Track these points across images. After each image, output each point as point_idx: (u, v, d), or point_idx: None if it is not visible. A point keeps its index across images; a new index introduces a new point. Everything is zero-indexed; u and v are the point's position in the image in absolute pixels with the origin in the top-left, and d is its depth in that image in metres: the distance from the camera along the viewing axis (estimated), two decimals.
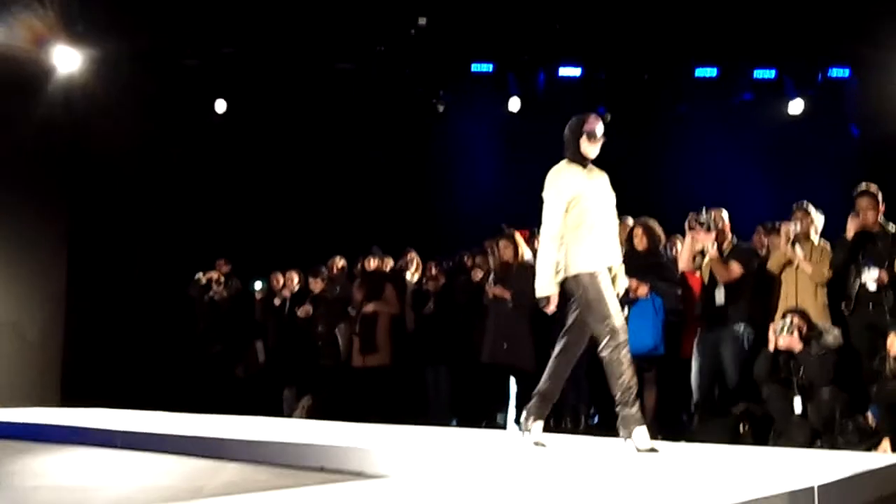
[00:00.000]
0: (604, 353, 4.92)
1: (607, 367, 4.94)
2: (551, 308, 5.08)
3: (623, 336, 4.90)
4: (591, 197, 5.05)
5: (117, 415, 8.36)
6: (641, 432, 4.85)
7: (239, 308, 10.20)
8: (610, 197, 5.17)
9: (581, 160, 5.12)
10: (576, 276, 4.97)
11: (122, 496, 4.57)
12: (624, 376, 4.87)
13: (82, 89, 10.84)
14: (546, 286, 5.05)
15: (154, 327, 11.15)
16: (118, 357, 10.98)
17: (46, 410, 9.21)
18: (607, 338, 4.89)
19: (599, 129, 5.12)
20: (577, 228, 5.00)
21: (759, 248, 7.49)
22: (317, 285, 9.37)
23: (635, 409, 4.88)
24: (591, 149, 5.12)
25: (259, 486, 4.71)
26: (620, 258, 5.23)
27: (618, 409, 4.93)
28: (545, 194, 5.11)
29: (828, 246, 6.91)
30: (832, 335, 6.38)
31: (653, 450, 4.79)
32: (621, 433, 4.94)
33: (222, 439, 6.12)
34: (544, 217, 5.09)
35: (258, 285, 10.28)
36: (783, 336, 6.29)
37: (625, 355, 4.89)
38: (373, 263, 8.98)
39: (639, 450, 4.79)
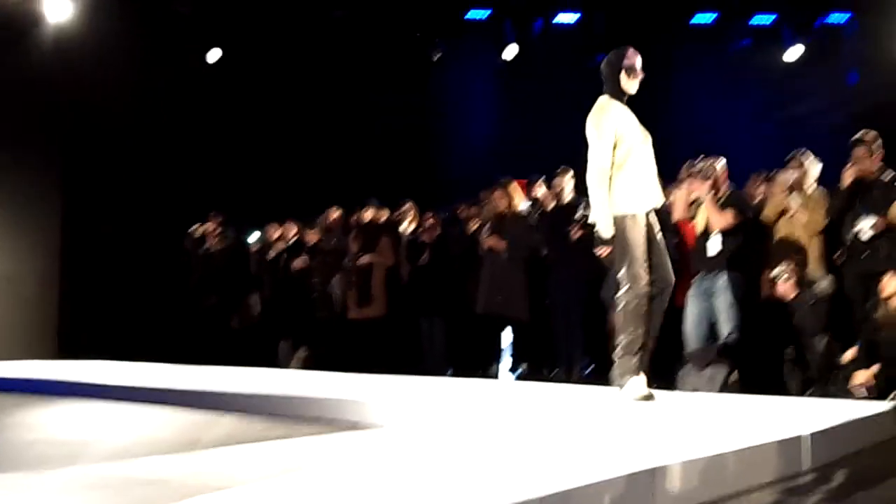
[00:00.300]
0: (621, 301, 4.85)
1: (620, 313, 4.88)
2: (608, 250, 4.93)
3: (645, 287, 4.82)
4: (634, 135, 4.91)
5: (114, 367, 8.39)
6: (637, 382, 4.84)
7: (234, 260, 10.19)
8: (648, 135, 5.02)
9: (621, 96, 4.98)
10: (613, 218, 4.86)
11: (119, 449, 4.58)
12: (634, 328, 4.81)
13: (73, 38, 10.67)
14: (607, 227, 4.84)
15: (150, 280, 11.14)
16: (114, 310, 10.99)
17: (43, 363, 9.25)
18: (628, 286, 4.82)
19: (639, 63, 5.01)
20: (621, 168, 4.85)
21: (754, 197, 7.46)
22: (312, 237, 9.35)
23: (636, 359, 4.83)
24: (630, 84, 4.99)
25: (255, 438, 4.74)
26: (662, 199, 5.13)
27: (618, 355, 4.88)
28: (589, 130, 4.91)
29: (823, 194, 6.88)
30: (825, 283, 6.40)
31: (647, 398, 4.81)
32: (616, 381, 4.92)
33: (219, 390, 6.16)
34: (592, 154, 4.88)
35: (254, 237, 10.26)
36: (777, 284, 6.30)
37: (642, 306, 4.81)
38: (368, 215, 8.96)
39: (633, 399, 4.81)
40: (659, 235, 5.00)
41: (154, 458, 3.78)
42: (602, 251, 4.97)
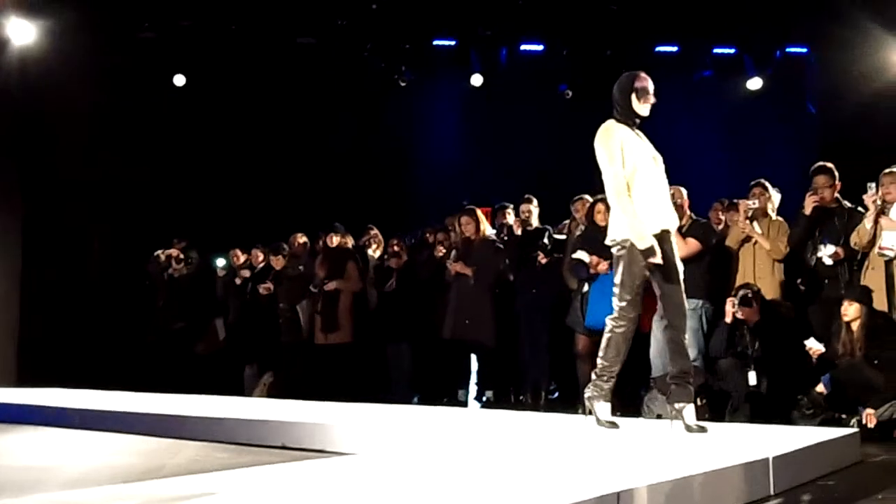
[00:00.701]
0: (609, 325, 4.80)
1: (605, 337, 4.81)
2: (659, 258, 4.63)
3: (635, 316, 4.74)
4: (643, 157, 4.82)
5: (75, 394, 8.28)
6: (604, 407, 4.83)
7: (199, 285, 10.11)
8: (659, 158, 4.93)
9: (631, 119, 4.90)
10: (622, 242, 4.73)
11: (81, 476, 4.52)
12: (615, 354, 4.76)
13: (37, 62, 10.60)
14: (646, 237, 4.64)
15: (112, 305, 11.01)
16: (76, 335, 10.84)
17: (3, 390, 9.09)
18: (618, 313, 4.75)
19: (651, 86, 4.94)
20: (629, 191, 4.73)
21: (716, 224, 7.55)
22: (278, 262, 9.31)
23: (607, 385, 4.81)
24: (642, 107, 4.91)
25: (220, 465, 4.70)
26: (677, 222, 4.99)
27: (593, 378, 4.86)
28: (598, 154, 4.81)
29: (785, 223, 6.99)
30: (784, 307, 6.48)
31: (613, 424, 4.83)
32: (586, 403, 4.89)
33: (182, 417, 6.10)
34: (606, 177, 4.77)
35: (220, 262, 10.19)
36: (742, 308, 6.35)
37: (628, 334, 4.74)
38: (335, 240, 8.93)
39: (599, 422, 4.80)
40: (677, 260, 4.82)
41: (116, 485, 3.72)
42: (654, 260, 4.63)
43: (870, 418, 5.62)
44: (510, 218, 8.31)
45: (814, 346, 6.10)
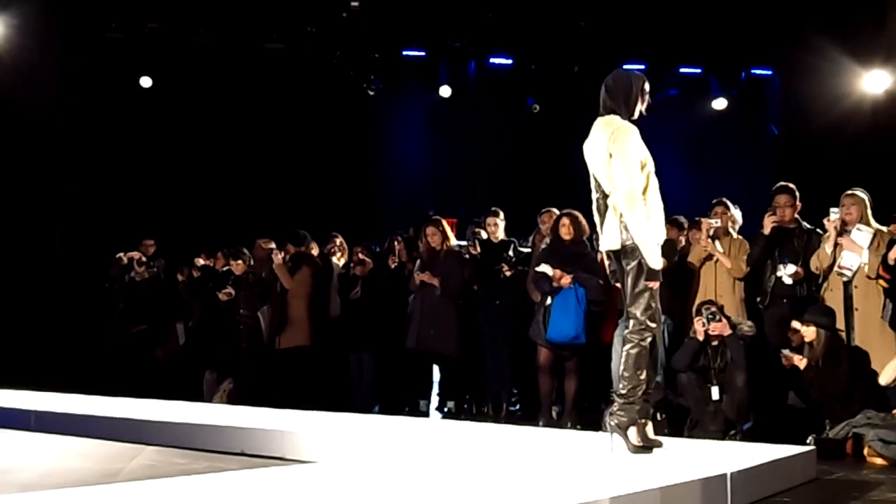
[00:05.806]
0: (628, 342, 4.41)
1: (624, 355, 4.40)
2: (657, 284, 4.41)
3: (657, 328, 4.42)
4: (650, 161, 4.53)
5: (32, 396, 8.15)
6: (635, 433, 4.37)
7: (161, 289, 9.99)
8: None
9: (632, 119, 4.57)
10: (633, 249, 4.42)
11: (36, 479, 4.46)
12: (641, 372, 4.34)
13: (1, 59, 10.47)
14: (656, 255, 4.41)
15: (72, 306, 10.87)
16: (34, 336, 10.69)
17: None
18: (640, 326, 4.38)
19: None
20: (644, 196, 4.45)
21: (679, 242, 7.62)
22: (238, 267, 9.22)
23: (638, 407, 4.35)
24: (641, 109, 4.62)
25: (177, 471, 4.66)
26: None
27: (619, 402, 4.38)
28: (617, 153, 4.43)
29: (746, 242, 7.08)
30: (747, 325, 6.56)
31: (645, 450, 4.37)
32: (614, 430, 4.38)
33: (140, 421, 6.04)
34: (622, 182, 4.41)
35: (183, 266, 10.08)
36: (713, 324, 6.38)
37: (650, 349, 4.38)
38: (291, 247, 8.86)
39: (632, 451, 4.34)
40: None
41: (70, 489, 3.68)
42: (654, 285, 4.41)
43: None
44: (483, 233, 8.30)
45: (792, 356, 6.18)
